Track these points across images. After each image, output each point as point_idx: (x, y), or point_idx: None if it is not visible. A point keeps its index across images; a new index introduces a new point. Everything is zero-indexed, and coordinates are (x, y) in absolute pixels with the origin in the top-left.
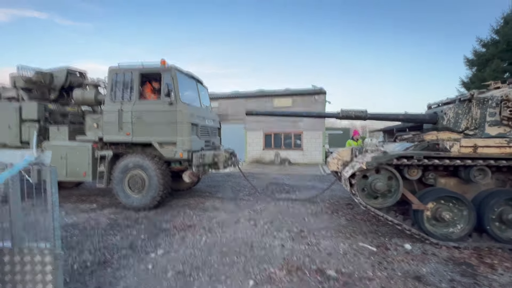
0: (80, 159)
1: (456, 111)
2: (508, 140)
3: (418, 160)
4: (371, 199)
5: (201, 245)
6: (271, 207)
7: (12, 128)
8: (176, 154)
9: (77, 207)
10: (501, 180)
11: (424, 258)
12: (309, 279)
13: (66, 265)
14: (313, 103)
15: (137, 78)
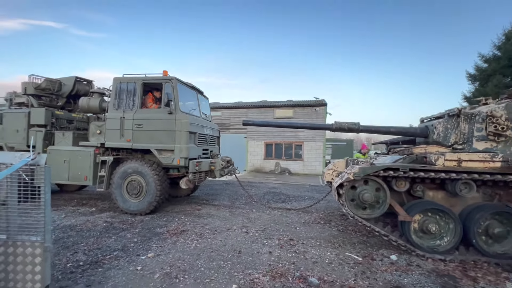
0: (82, 163)
1: (445, 126)
2: (491, 155)
3: (404, 172)
4: (359, 210)
5: (191, 250)
6: (265, 216)
7: (20, 132)
8: (174, 161)
9: (77, 210)
10: (488, 194)
11: (408, 269)
12: (291, 286)
13: (60, 263)
14: (314, 114)
15: (139, 88)
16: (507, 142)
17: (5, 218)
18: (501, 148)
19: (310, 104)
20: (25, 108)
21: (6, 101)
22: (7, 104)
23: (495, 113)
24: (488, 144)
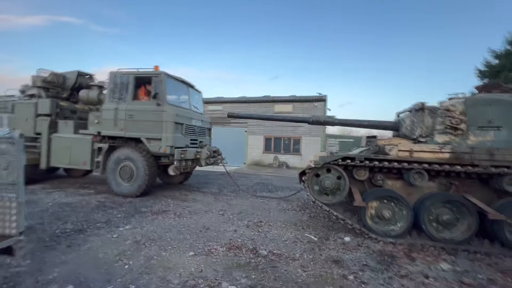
0: (81, 149)
1: (411, 120)
2: (441, 146)
3: (360, 161)
4: (321, 195)
5: (165, 225)
6: (246, 202)
7: (28, 121)
8: (161, 149)
9: (77, 191)
10: (444, 184)
11: (354, 249)
12: (242, 255)
13: (50, 230)
14: (313, 110)
15: (132, 81)
16: (463, 136)
17: None
18: (458, 141)
19: (309, 100)
20: (34, 99)
21: (20, 92)
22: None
23: (451, 107)
24: (447, 137)
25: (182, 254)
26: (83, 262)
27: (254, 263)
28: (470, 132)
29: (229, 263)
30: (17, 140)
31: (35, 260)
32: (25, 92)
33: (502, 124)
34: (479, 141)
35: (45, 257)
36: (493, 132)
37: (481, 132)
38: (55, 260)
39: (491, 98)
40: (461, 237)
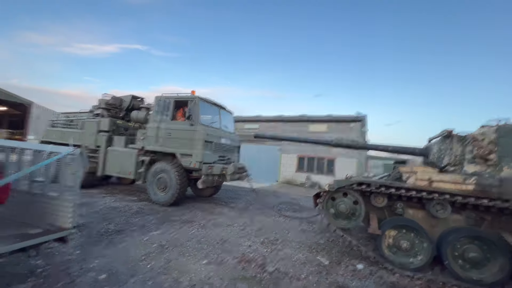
0: (129, 161)
1: (439, 147)
2: (464, 177)
3: (376, 188)
4: (337, 219)
5: (188, 234)
6: (268, 220)
7: (92, 135)
8: (191, 164)
9: (124, 198)
10: (473, 219)
11: (365, 277)
12: (250, 269)
13: (97, 228)
14: (348, 130)
15: (172, 104)
16: (496, 167)
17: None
18: (490, 172)
19: (344, 120)
20: (98, 118)
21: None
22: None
23: (478, 136)
24: (478, 167)
25: (197, 261)
26: (117, 257)
27: (259, 277)
28: (504, 163)
29: (236, 274)
30: (78, 157)
31: (82, 251)
32: (93, 111)
33: None
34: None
35: (90, 249)
36: None
37: None
38: (97, 253)
39: None
40: (491, 279)
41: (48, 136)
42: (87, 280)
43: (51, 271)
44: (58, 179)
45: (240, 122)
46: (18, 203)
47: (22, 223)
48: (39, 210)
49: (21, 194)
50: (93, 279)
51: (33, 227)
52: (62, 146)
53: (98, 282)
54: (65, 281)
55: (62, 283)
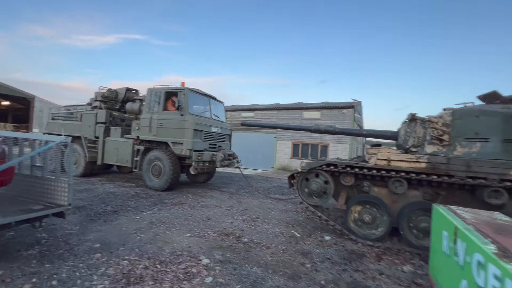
0: (125, 150)
1: (405, 130)
2: (417, 156)
3: (343, 168)
4: (310, 198)
5: (177, 214)
6: (256, 202)
7: (91, 127)
8: (182, 152)
9: (122, 184)
10: (429, 194)
11: (329, 246)
12: (227, 240)
13: (96, 209)
14: (341, 117)
15: (163, 96)
16: (451, 146)
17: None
18: (445, 151)
19: (337, 106)
20: (95, 110)
21: (88, 104)
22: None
23: (433, 119)
24: (436, 147)
25: (181, 234)
26: (111, 232)
27: (234, 247)
28: (457, 143)
29: (214, 244)
30: (69, 144)
31: (81, 227)
32: (91, 104)
33: (489, 135)
34: (466, 152)
35: (88, 226)
36: (480, 143)
37: (468, 143)
38: (93, 229)
39: (479, 110)
40: None
41: (49, 129)
42: (84, 248)
43: (54, 241)
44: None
45: (238, 111)
46: (22, 185)
47: (26, 201)
48: (39, 190)
49: (24, 177)
50: (88, 247)
51: (35, 204)
52: (56, 136)
53: (93, 249)
54: (65, 248)
55: (63, 250)
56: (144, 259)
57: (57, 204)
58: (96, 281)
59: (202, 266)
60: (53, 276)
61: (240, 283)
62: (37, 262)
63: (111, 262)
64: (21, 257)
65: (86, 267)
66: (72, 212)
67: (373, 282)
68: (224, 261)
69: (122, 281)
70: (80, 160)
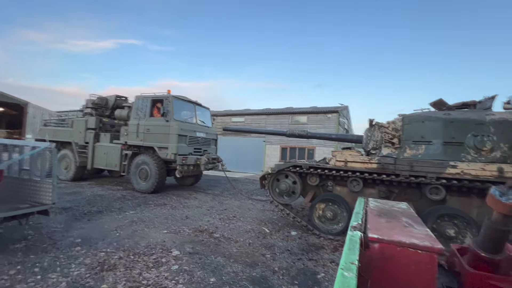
0: (114, 155)
1: (367, 134)
2: (370, 157)
3: (307, 169)
4: (280, 197)
5: (158, 214)
6: (236, 202)
7: (81, 133)
8: (167, 156)
9: (111, 187)
10: (384, 192)
11: (292, 240)
12: (200, 236)
13: (81, 210)
14: (326, 121)
15: (149, 103)
16: (402, 149)
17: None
18: (397, 153)
19: (322, 111)
20: (86, 117)
21: (80, 111)
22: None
23: (385, 124)
24: (390, 150)
25: (158, 231)
26: (93, 229)
27: (205, 241)
28: (407, 145)
29: (187, 239)
30: (53, 149)
31: (66, 225)
32: (83, 110)
33: (432, 139)
34: (413, 153)
35: (72, 224)
36: (425, 146)
37: (415, 146)
38: (77, 226)
39: (424, 116)
40: None
41: (41, 135)
42: (66, 243)
43: (39, 237)
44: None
45: (228, 115)
46: (11, 186)
47: (14, 201)
48: (27, 191)
49: (13, 179)
50: (70, 242)
51: (22, 203)
52: (42, 142)
53: (74, 243)
54: (49, 243)
55: (47, 244)
56: (120, 251)
57: (42, 203)
58: (74, 269)
59: (171, 257)
60: (35, 265)
61: (202, 269)
62: (22, 254)
63: (89, 253)
64: (8, 250)
65: (66, 258)
66: (59, 212)
67: (322, 268)
68: (193, 253)
69: (97, 268)
70: (71, 165)
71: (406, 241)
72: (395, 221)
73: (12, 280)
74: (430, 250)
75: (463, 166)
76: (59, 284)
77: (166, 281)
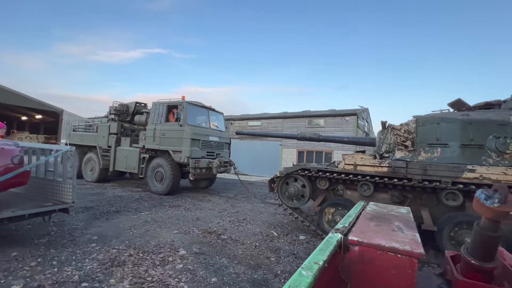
0: (133, 158)
1: (379, 137)
2: (380, 161)
3: (315, 173)
4: (289, 201)
5: (171, 215)
6: (249, 206)
7: (105, 137)
8: (181, 159)
9: (131, 189)
10: (397, 196)
11: (300, 244)
12: (209, 237)
13: (101, 210)
14: (344, 124)
15: (165, 109)
16: (416, 152)
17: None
18: (411, 156)
19: (340, 114)
20: (109, 122)
21: (105, 117)
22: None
23: (396, 126)
24: (403, 153)
25: (169, 231)
26: (109, 228)
27: (213, 242)
28: (421, 149)
29: (195, 240)
30: (74, 153)
31: (85, 223)
32: (108, 116)
33: (448, 141)
34: (428, 157)
35: (91, 223)
36: (441, 149)
37: (430, 148)
38: (96, 225)
39: (439, 117)
40: None
41: (71, 139)
42: (84, 239)
43: (61, 233)
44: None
45: (245, 120)
46: (37, 186)
47: (39, 199)
48: (50, 190)
49: (39, 180)
50: (88, 239)
51: (45, 201)
52: (64, 146)
53: (91, 240)
54: (69, 239)
55: (67, 240)
56: (130, 249)
57: (63, 202)
58: (87, 263)
59: (178, 256)
60: (54, 258)
61: (205, 269)
62: (45, 248)
63: (103, 250)
64: (33, 243)
65: (82, 253)
66: (81, 211)
67: None
68: (199, 253)
69: (107, 264)
70: (95, 167)
71: (386, 245)
72: (385, 225)
73: (32, 271)
74: (409, 255)
75: (482, 170)
76: (72, 277)
77: (170, 279)
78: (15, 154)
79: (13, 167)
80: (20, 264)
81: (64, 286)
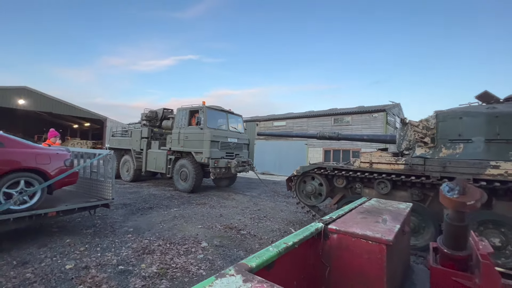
0: (161, 159)
1: (399, 134)
2: (396, 158)
3: (331, 171)
4: (307, 199)
5: (197, 211)
6: (271, 204)
7: (137, 141)
8: (202, 160)
9: (163, 188)
10: (417, 195)
11: None
12: (229, 232)
13: (137, 207)
14: (372, 121)
15: (187, 114)
16: (436, 148)
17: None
18: (432, 153)
19: (367, 111)
20: (141, 128)
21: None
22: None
23: (414, 122)
24: (423, 150)
25: (194, 226)
26: (143, 221)
27: (233, 236)
28: (442, 145)
29: (216, 234)
30: (112, 156)
31: (124, 218)
32: (140, 122)
33: (471, 136)
34: (450, 153)
35: (129, 217)
36: (463, 144)
37: (452, 145)
38: (132, 219)
39: (462, 111)
40: (424, 243)
41: (111, 144)
42: (122, 231)
43: (104, 225)
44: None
45: (270, 120)
46: (84, 185)
47: (87, 196)
48: (95, 188)
49: (86, 179)
50: (125, 230)
51: (91, 197)
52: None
53: (128, 231)
54: (110, 230)
55: (108, 231)
56: (160, 240)
57: (105, 198)
58: (124, 251)
59: (200, 247)
60: (98, 245)
61: (223, 260)
62: (91, 237)
63: (137, 240)
64: (82, 233)
65: (120, 242)
66: (120, 207)
67: None
68: (219, 246)
69: (140, 251)
70: (130, 168)
71: (359, 232)
72: (372, 217)
73: (81, 255)
74: (378, 241)
75: (507, 166)
76: (112, 261)
77: (191, 266)
78: (67, 158)
79: (66, 168)
80: (72, 249)
81: (105, 267)
